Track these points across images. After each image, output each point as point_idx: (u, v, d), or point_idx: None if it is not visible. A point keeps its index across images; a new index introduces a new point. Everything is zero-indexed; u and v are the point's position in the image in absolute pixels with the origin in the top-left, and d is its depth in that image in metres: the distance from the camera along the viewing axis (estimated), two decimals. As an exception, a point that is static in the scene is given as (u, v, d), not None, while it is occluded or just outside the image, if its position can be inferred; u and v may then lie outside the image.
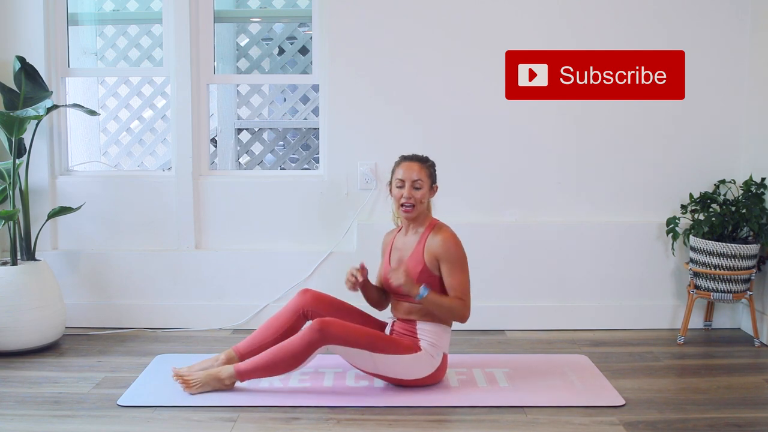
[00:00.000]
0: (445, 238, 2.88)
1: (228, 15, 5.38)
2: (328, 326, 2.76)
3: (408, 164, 2.95)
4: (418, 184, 2.91)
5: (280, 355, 2.80)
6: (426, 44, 3.76)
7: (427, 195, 2.96)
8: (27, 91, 3.61)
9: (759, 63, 3.72)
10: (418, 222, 2.98)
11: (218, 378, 2.87)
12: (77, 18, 4.63)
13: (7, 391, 2.93)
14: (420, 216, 2.97)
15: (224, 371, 2.88)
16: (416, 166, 2.94)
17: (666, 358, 3.42)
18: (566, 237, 3.82)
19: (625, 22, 3.77)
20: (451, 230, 2.95)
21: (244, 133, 6.16)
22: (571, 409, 2.77)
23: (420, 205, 2.92)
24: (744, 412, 2.77)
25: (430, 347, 2.90)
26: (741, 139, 3.85)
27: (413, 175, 2.91)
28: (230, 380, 2.87)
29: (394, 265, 2.99)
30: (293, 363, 2.79)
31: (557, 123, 3.82)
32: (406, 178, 2.92)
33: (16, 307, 3.31)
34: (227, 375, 2.87)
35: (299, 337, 2.79)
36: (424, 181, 2.92)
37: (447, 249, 2.86)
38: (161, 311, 3.83)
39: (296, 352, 2.77)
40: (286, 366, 2.81)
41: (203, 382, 2.86)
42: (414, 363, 2.87)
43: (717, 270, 3.51)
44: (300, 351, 2.77)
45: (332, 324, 2.78)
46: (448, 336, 2.98)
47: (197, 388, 2.86)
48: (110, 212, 3.86)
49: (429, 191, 2.96)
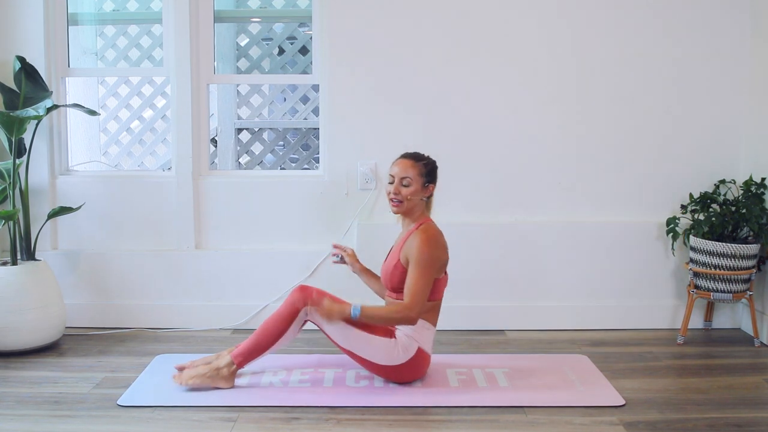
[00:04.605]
0: (421, 239, 2.89)
1: (228, 15, 5.38)
2: (308, 288, 2.93)
3: (401, 161, 3.00)
4: (407, 181, 2.94)
5: (267, 326, 2.93)
6: (426, 44, 3.76)
7: (419, 193, 2.97)
8: (27, 91, 3.61)
9: (759, 63, 3.72)
10: (411, 219, 3.02)
11: (216, 368, 2.92)
12: (77, 18, 4.64)
13: (7, 391, 2.93)
14: (412, 213, 3.00)
15: (222, 361, 2.94)
16: (408, 163, 2.98)
17: (666, 358, 3.42)
18: (566, 237, 3.82)
19: (626, 22, 3.77)
20: (433, 232, 2.94)
21: (244, 133, 6.16)
22: (571, 409, 2.77)
23: (407, 201, 2.95)
24: (744, 412, 2.77)
25: (404, 337, 2.92)
26: (741, 139, 3.85)
27: (402, 172, 2.96)
28: (228, 368, 2.91)
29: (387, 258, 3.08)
30: (281, 328, 2.89)
31: (557, 123, 3.82)
32: (396, 175, 2.97)
33: (16, 307, 3.31)
34: (225, 363, 2.92)
35: (283, 303, 2.95)
36: (414, 179, 2.95)
37: (416, 249, 2.87)
38: (161, 311, 3.83)
39: (281, 315, 2.91)
40: (275, 333, 2.90)
41: (201, 373, 2.91)
42: (384, 347, 2.90)
43: (717, 270, 3.51)
44: (285, 314, 2.91)
45: (313, 288, 2.93)
46: (428, 333, 2.98)
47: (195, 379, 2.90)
48: (110, 212, 3.86)
49: (421, 190, 2.97)
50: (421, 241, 2.88)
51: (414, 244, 2.89)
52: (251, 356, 2.93)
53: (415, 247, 2.88)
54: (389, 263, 3.00)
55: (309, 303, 2.89)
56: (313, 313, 2.90)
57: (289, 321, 2.90)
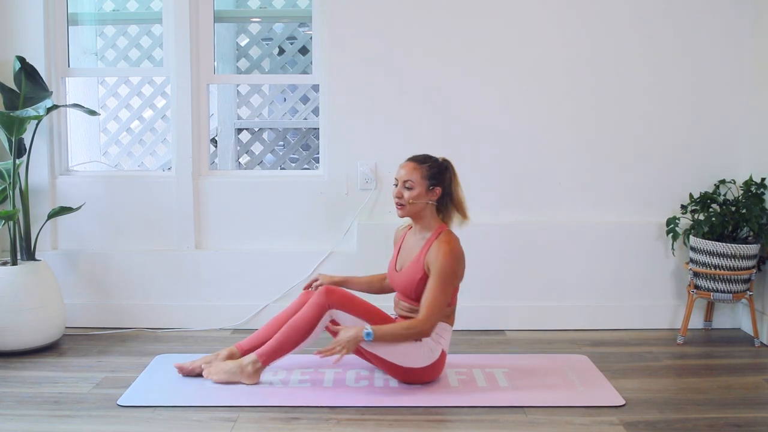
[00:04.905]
0: (444, 251, 2.84)
1: (228, 15, 5.38)
2: (333, 291, 2.89)
3: (405, 164, 2.97)
4: (409, 184, 2.92)
5: (294, 326, 2.90)
6: (426, 44, 3.76)
7: (423, 196, 2.93)
8: (27, 91, 3.61)
9: (759, 63, 3.72)
10: (424, 225, 2.97)
11: (241, 365, 2.93)
12: (77, 18, 4.64)
13: (7, 391, 2.93)
14: (421, 217, 2.96)
15: (246, 359, 2.94)
16: (411, 166, 2.95)
17: (666, 358, 3.42)
18: (566, 237, 3.82)
19: (625, 24, 3.77)
20: (454, 243, 2.89)
21: (244, 133, 6.16)
22: (571, 409, 2.77)
23: (410, 205, 2.92)
24: (744, 412, 2.77)
25: (430, 340, 2.90)
26: (741, 139, 3.85)
27: (405, 175, 2.94)
28: (253, 366, 2.92)
29: (399, 267, 3.03)
30: (307, 328, 2.87)
31: (556, 123, 3.82)
32: (399, 178, 2.96)
33: (16, 307, 3.31)
34: (249, 361, 2.93)
35: (307, 305, 2.91)
36: (416, 182, 2.91)
37: (438, 261, 2.83)
38: (161, 311, 3.83)
39: (307, 317, 2.87)
40: (301, 334, 2.88)
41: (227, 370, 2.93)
42: (411, 349, 2.87)
43: (717, 270, 3.51)
44: (310, 315, 2.87)
45: (337, 289, 2.90)
46: (448, 335, 2.98)
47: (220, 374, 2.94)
48: (110, 212, 3.86)
49: (426, 193, 2.93)
50: (444, 254, 2.83)
51: (434, 256, 2.84)
52: (276, 355, 2.91)
53: (439, 259, 2.83)
54: (411, 275, 2.92)
55: (334, 305, 2.86)
56: (336, 314, 2.88)
57: (315, 322, 2.87)
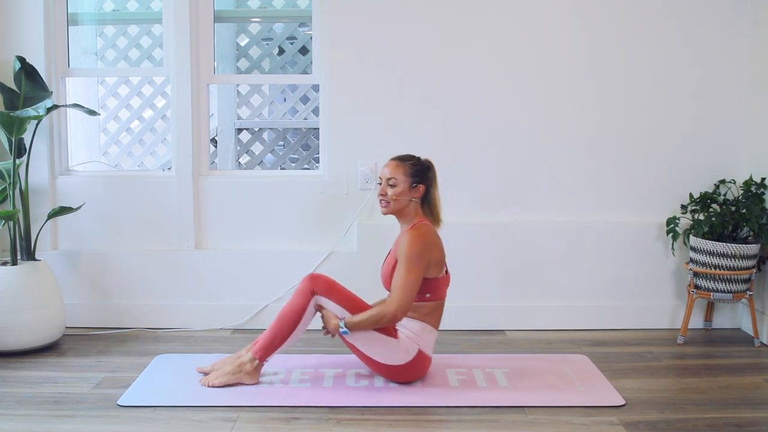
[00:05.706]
0: (410, 236, 2.91)
1: (228, 15, 5.38)
2: (317, 277, 2.97)
3: (388, 162, 3.05)
4: (392, 182, 2.98)
5: (283, 317, 2.96)
6: (426, 44, 3.76)
7: (406, 194, 2.98)
8: (27, 91, 3.61)
9: (759, 63, 3.72)
10: (405, 220, 3.04)
11: (240, 365, 2.97)
12: (77, 18, 4.64)
13: (7, 391, 2.93)
14: (404, 214, 3.02)
15: (244, 357, 2.99)
16: (394, 164, 3.02)
17: (666, 358, 3.42)
18: (566, 237, 3.82)
19: (625, 24, 3.77)
20: (423, 230, 2.94)
21: (244, 133, 6.16)
22: (571, 409, 2.77)
23: (394, 202, 2.98)
24: (744, 412, 2.77)
25: (406, 338, 2.94)
26: (741, 139, 3.85)
27: (388, 173, 3.00)
28: (251, 364, 2.96)
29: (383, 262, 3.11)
30: (296, 317, 2.94)
31: (556, 124, 3.82)
32: (383, 176, 3.02)
33: (16, 307, 3.31)
34: (247, 359, 2.97)
35: (294, 293, 2.98)
36: (399, 179, 2.97)
37: (404, 246, 2.90)
38: (161, 311, 3.83)
39: (294, 305, 2.94)
40: (291, 324, 2.94)
41: (226, 371, 2.97)
42: (386, 345, 2.92)
43: (717, 270, 3.51)
44: (297, 303, 2.94)
45: (321, 276, 2.99)
46: (430, 336, 2.99)
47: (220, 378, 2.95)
48: (110, 212, 3.86)
49: (409, 190, 2.98)
50: (408, 238, 2.91)
51: (404, 242, 2.92)
52: (270, 349, 2.96)
53: (405, 243, 2.90)
54: (388, 265, 3.02)
55: (318, 291, 2.93)
56: (320, 300, 2.94)
57: (303, 309, 2.94)
